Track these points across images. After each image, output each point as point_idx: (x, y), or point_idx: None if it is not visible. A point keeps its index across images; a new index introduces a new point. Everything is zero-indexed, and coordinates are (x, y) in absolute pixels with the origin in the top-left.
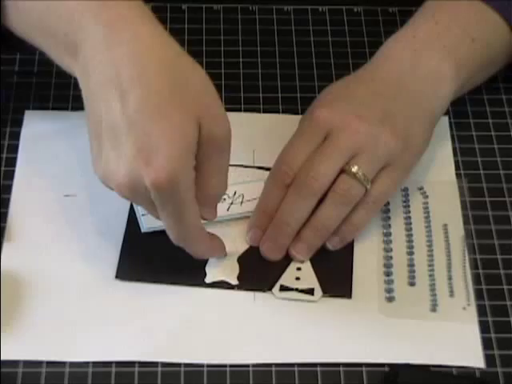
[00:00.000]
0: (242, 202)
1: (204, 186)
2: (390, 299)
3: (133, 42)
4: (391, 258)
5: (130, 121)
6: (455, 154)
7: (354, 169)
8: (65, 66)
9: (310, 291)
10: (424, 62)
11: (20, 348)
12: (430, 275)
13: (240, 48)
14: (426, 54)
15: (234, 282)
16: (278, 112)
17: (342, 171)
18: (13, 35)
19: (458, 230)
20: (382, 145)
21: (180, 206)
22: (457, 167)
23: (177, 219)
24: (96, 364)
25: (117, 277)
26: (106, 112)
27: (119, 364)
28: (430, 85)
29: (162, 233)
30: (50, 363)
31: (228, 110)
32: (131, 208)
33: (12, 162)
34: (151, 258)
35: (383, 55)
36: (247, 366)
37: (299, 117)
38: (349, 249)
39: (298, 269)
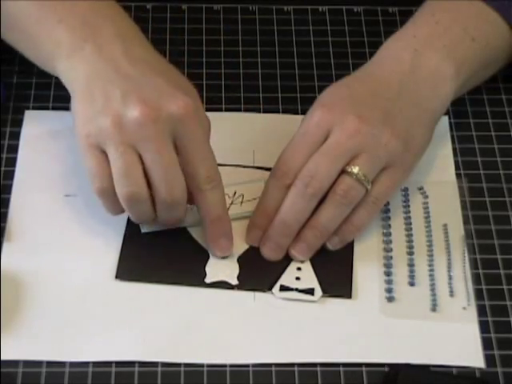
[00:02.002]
0: (242, 202)
1: None
2: (390, 299)
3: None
4: (391, 257)
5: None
6: (455, 154)
7: (355, 169)
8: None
9: (310, 291)
10: (424, 62)
11: (20, 348)
12: (430, 275)
13: (240, 48)
14: (426, 54)
15: (234, 282)
16: (278, 112)
17: (343, 172)
18: None
19: (458, 230)
20: (382, 145)
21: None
22: (457, 167)
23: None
24: (96, 364)
25: (117, 277)
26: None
27: (119, 364)
28: (430, 85)
29: (162, 233)
30: (49, 363)
31: (228, 109)
32: None
33: (12, 162)
34: (151, 258)
35: (383, 55)
36: (247, 365)
37: (299, 117)
38: (349, 249)
39: (298, 269)
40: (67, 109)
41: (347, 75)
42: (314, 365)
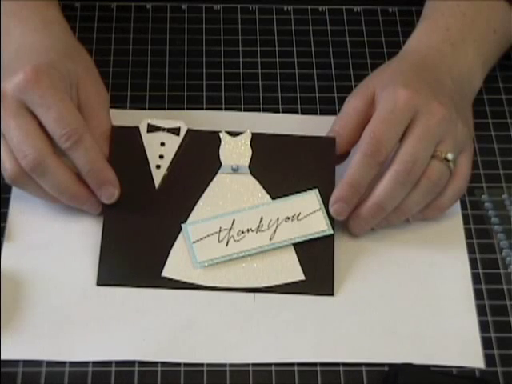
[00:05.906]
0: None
1: None
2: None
3: None
4: None
5: None
6: None
7: (449, 156)
8: None
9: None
10: (462, 57)
11: (20, 348)
12: None
13: (240, 48)
14: (462, 49)
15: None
16: (277, 112)
17: (433, 157)
18: None
19: (459, 232)
20: (459, 131)
21: None
22: None
23: None
24: (96, 364)
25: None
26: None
27: (119, 364)
28: (468, 80)
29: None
30: (49, 363)
31: (228, 109)
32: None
33: None
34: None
35: (424, 45)
36: (247, 365)
37: (300, 116)
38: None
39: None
40: None
41: (347, 75)
42: (314, 365)
